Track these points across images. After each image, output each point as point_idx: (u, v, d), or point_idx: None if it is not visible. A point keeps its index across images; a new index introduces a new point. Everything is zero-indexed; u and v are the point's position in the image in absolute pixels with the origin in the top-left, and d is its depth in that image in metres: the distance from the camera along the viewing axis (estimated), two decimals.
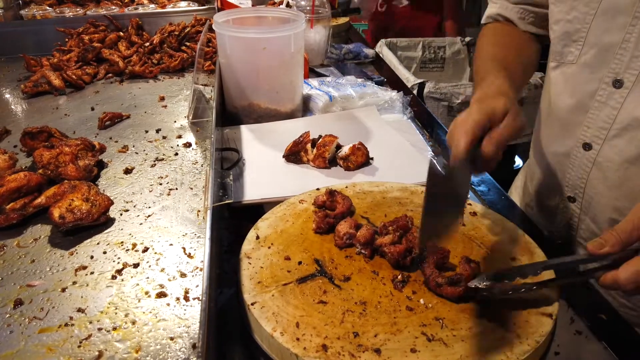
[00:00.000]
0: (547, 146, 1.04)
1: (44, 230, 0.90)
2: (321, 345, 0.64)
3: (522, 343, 0.64)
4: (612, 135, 0.88)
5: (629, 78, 0.84)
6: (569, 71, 0.94)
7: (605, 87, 0.87)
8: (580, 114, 0.92)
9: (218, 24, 1.33)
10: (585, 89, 0.90)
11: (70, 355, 0.65)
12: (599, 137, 0.89)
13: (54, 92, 1.54)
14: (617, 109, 0.86)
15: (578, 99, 0.92)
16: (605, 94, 0.87)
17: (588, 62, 0.90)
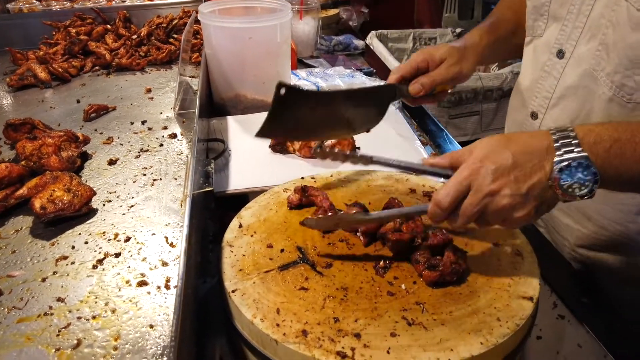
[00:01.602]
0: (510, 115, 1.10)
1: (26, 222, 0.89)
2: (301, 330, 0.64)
3: (502, 326, 0.64)
4: (552, 105, 0.93)
5: (568, 48, 0.89)
6: (537, 44, 0.98)
7: (552, 57, 0.92)
8: (533, 84, 0.97)
9: (203, 14, 1.32)
10: (541, 60, 0.95)
11: (48, 344, 0.64)
12: (543, 106, 0.95)
13: (40, 85, 1.53)
14: (557, 78, 0.91)
15: (535, 70, 0.97)
16: (551, 64, 0.92)
17: (548, 35, 0.94)
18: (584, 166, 0.62)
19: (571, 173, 0.62)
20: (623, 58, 0.77)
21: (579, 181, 0.62)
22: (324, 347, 0.61)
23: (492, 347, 0.61)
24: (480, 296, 0.69)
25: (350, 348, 0.61)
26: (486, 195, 0.64)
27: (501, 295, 0.69)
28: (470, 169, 0.65)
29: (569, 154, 0.62)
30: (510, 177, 0.63)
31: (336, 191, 0.94)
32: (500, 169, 0.64)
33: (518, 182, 0.63)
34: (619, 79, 0.79)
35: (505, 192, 0.63)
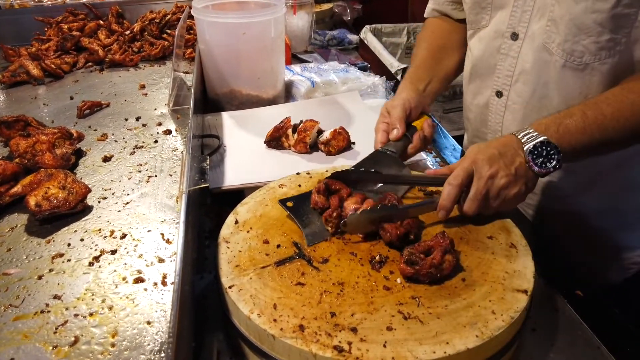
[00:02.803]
0: (472, 101, 1.18)
1: (21, 219, 0.89)
2: (298, 325, 0.64)
3: (497, 319, 0.64)
4: (515, 81, 1.03)
5: (521, 30, 0.99)
6: (483, 34, 1.08)
7: (506, 40, 1.02)
8: (492, 67, 1.07)
9: (197, 9, 1.31)
10: (494, 45, 1.05)
11: (45, 342, 0.65)
12: (507, 84, 1.05)
13: (33, 81, 1.52)
14: (516, 57, 1.02)
15: (490, 54, 1.07)
16: (507, 47, 1.03)
17: (495, 23, 1.04)
18: (546, 144, 0.81)
19: (539, 153, 0.81)
20: (571, 27, 0.90)
21: (547, 157, 0.81)
22: (321, 341, 0.62)
23: (488, 340, 0.62)
24: (476, 289, 0.70)
25: (347, 342, 0.61)
26: (488, 178, 0.80)
27: (496, 288, 0.70)
28: (469, 161, 0.82)
29: (533, 140, 0.82)
30: (501, 163, 0.81)
31: None
32: (492, 158, 0.81)
33: (507, 165, 0.81)
34: (569, 46, 0.92)
35: (501, 174, 0.80)
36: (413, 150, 1.02)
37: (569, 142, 0.82)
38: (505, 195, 0.81)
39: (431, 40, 1.22)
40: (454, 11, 1.20)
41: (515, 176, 0.81)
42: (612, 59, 0.90)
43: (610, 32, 0.87)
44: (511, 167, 0.81)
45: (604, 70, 0.91)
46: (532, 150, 0.81)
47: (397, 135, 1.00)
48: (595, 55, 0.90)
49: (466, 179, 0.81)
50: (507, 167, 0.80)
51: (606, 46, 0.89)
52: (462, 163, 0.82)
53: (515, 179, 0.81)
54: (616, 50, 0.89)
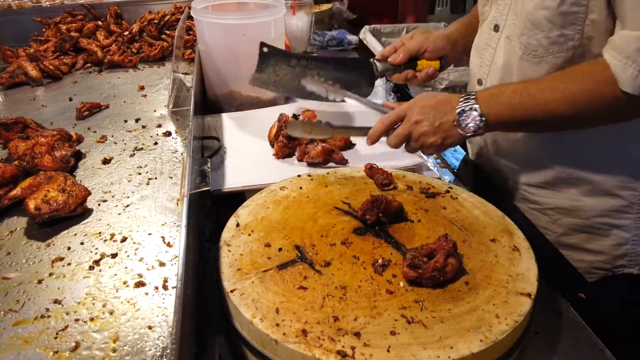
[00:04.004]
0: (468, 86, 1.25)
1: (20, 223, 0.88)
2: (301, 330, 0.63)
3: (501, 323, 0.64)
4: (491, 71, 1.10)
5: (501, 22, 1.05)
6: (484, 26, 1.13)
7: (491, 32, 1.09)
8: (479, 56, 1.14)
9: (196, 10, 1.31)
10: (483, 36, 1.12)
11: (46, 347, 0.64)
12: (486, 72, 1.12)
13: (31, 83, 1.51)
14: (494, 48, 1.08)
15: (479, 45, 1.14)
16: (490, 38, 1.09)
17: (490, 16, 1.10)
18: (474, 110, 0.94)
19: (467, 116, 0.94)
20: (526, 22, 0.97)
21: (472, 121, 0.94)
22: (324, 346, 0.61)
23: (492, 344, 0.62)
24: (479, 293, 0.69)
25: (351, 347, 0.61)
26: (412, 123, 0.97)
27: (499, 292, 0.69)
28: (406, 106, 0.99)
29: (467, 103, 0.95)
30: (430, 114, 0.97)
31: (333, 189, 0.94)
32: (425, 108, 0.97)
33: (435, 118, 0.96)
34: (525, 40, 0.99)
35: (425, 123, 0.97)
36: (395, 77, 1.22)
37: (495, 114, 0.94)
38: (423, 141, 0.98)
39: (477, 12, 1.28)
40: None
41: (436, 129, 0.96)
42: (566, 54, 0.95)
43: (559, 28, 0.92)
44: (436, 120, 0.96)
45: (558, 63, 0.96)
46: (461, 112, 0.94)
47: (393, 60, 1.19)
48: (548, 49, 0.96)
49: (396, 120, 0.99)
50: (434, 119, 0.96)
51: (557, 41, 0.94)
52: (401, 106, 1.00)
53: (435, 130, 0.96)
54: (569, 45, 0.94)
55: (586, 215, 1.06)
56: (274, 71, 1.06)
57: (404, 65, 1.21)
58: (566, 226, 1.09)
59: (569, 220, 1.08)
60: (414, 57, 1.21)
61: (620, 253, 1.06)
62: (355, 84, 1.20)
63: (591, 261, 1.08)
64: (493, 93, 0.95)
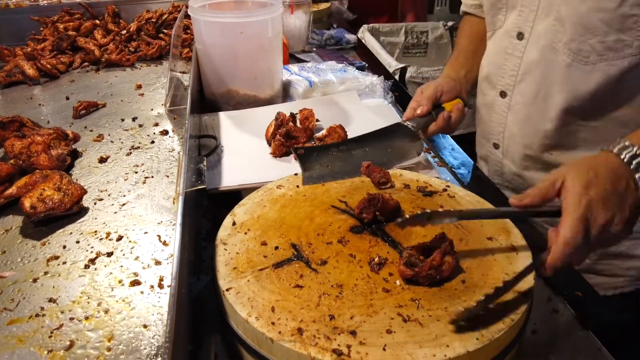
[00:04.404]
0: (480, 99, 1.21)
1: (16, 221, 0.88)
2: (296, 328, 0.63)
3: (498, 321, 0.64)
4: (518, 81, 1.05)
5: (527, 30, 1.00)
6: (497, 35, 1.10)
7: (512, 40, 1.04)
8: (498, 67, 1.09)
9: (193, 9, 1.30)
10: (502, 46, 1.07)
11: (40, 346, 0.64)
12: (510, 84, 1.06)
13: (28, 81, 1.51)
14: (520, 57, 1.03)
15: (497, 55, 1.09)
16: (512, 46, 1.04)
17: (508, 24, 1.05)
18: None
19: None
20: (577, 27, 0.90)
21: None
22: (319, 345, 0.61)
23: (488, 343, 0.61)
24: (476, 291, 0.69)
25: (346, 345, 0.61)
26: (601, 226, 0.66)
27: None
28: (584, 204, 0.65)
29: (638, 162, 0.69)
30: (614, 202, 0.66)
31: (329, 187, 0.94)
32: (605, 196, 0.66)
33: (621, 206, 0.67)
34: (575, 46, 0.92)
35: (617, 219, 0.67)
36: (435, 127, 1.08)
37: None
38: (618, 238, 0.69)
39: (471, 30, 1.26)
40: (481, 12, 1.21)
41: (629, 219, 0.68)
42: (621, 62, 0.88)
43: (617, 32, 0.86)
44: (625, 206, 0.67)
45: (612, 72, 0.90)
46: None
47: (421, 111, 1.08)
48: (602, 55, 0.89)
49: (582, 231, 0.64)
50: (622, 208, 0.67)
51: (613, 47, 0.88)
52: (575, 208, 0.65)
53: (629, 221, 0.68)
54: (625, 52, 0.87)
55: None
56: (320, 165, 1.00)
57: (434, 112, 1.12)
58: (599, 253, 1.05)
59: None
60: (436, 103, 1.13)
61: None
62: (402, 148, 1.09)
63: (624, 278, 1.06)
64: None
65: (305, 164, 1.00)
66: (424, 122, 1.10)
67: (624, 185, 0.68)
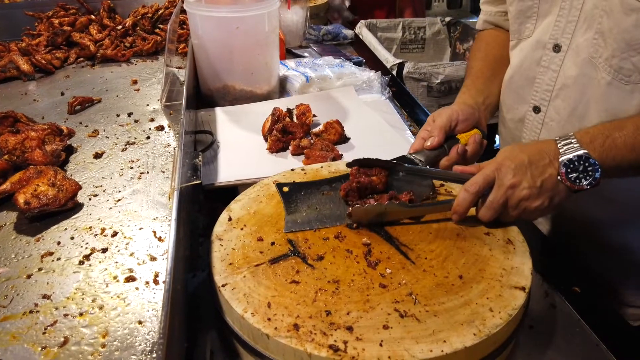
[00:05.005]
0: (507, 114, 1.11)
1: (10, 217, 0.87)
2: (293, 324, 0.63)
3: (495, 316, 0.63)
4: (554, 97, 0.97)
5: (564, 42, 0.93)
6: (525, 45, 1.01)
7: (548, 52, 0.96)
8: (530, 80, 1.00)
9: (189, 3, 1.29)
10: (534, 57, 0.99)
11: (34, 342, 0.63)
12: (545, 99, 0.98)
13: (23, 77, 1.50)
14: (556, 71, 0.95)
15: (529, 66, 1.00)
16: (548, 59, 0.96)
17: (538, 33, 0.98)
18: (584, 159, 0.74)
19: (575, 167, 0.74)
20: (620, 42, 0.83)
21: (583, 172, 0.74)
22: (316, 340, 0.60)
23: (485, 338, 0.61)
24: (473, 287, 0.69)
25: (343, 341, 0.60)
26: (508, 188, 0.76)
27: (493, 285, 0.69)
28: (494, 166, 0.77)
29: (572, 152, 0.75)
30: (527, 173, 0.76)
31: None
32: (519, 166, 0.76)
33: (534, 177, 0.75)
34: (617, 63, 0.84)
35: (524, 185, 0.75)
36: (447, 162, 0.93)
37: (613, 158, 0.76)
38: (525, 206, 0.77)
39: (487, 51, 1.15)
40: (506, 22, 1.11)
41: (539, 189, 0.75)
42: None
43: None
44: (538, 179, 0.75)
45: None
46: (568, 164, 0.75)
47: (431, 143, 0.94)
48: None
49: (485, 186, 0.77)
50: (534, 178, 0.75)
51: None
52: (486, 168, 0.78)
53: (539, 192, 0.76)
54: None
55: None
56: (308, 207, 0.85)
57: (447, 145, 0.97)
58: None
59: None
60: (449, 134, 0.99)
61: None
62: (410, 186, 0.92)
63: None
64: (603, 132, 0.77)
65: (290, 204, 0.85)
66: (435, 155, 0.95)
67: (546, 162, 0.76)
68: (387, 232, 0.80)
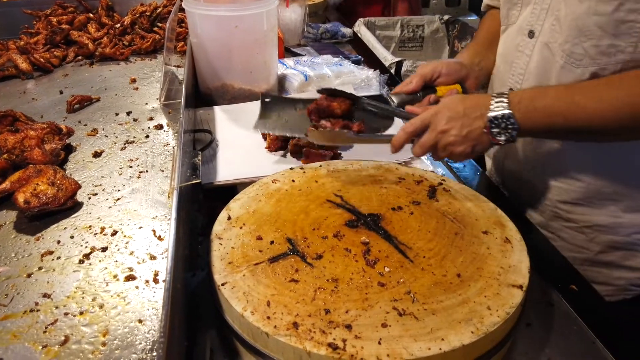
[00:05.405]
0: None
1: (10, 216, 0.87)
2: (292, 323, 0.63)
3: (492, 315, 0.64)
4: (525, 79, 1.02)
5: (537, 28, 0.98)
6: (510, 31, 1.07)
7: (524, 38, 1.01)
8: (509, 65, 1.06)
9: (188, 2, 1.29)
10: (514, 43, 1.04)
11: (35, 341, 0.64)
12: (518, 82, 1.04)
13: (22, 76, 1.49)
14: (529, 55, 1.00)
15: (509, 51, 1.06)
16: (524, 44, 1.01)
17: (521, 20, 1.03)
18: (507, 118, 0.85)
19: (498, 123, 0.85)
20: (573, 29, 0.89)
21: (504, 129, 0.85)
22: (315, 339, 0.61)
23: (483, 336, 0.61)
24: (471, 285, 0.69)
25: (342, 339, 0.61)
26: (439, 132, 0.88)
27: (491, 283, 0.69)
28: (432, 113, 0.89)
29: (499, 110, 0.85)
30: (458, 122, 0.87)
31: (325, 182, 0.94)
32: (453, 116, 0.87)
33: (462, 126, 0.87)
34: (569, 48, 0.91)
35: (452, 132, 0.87)
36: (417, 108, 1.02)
37: (532, 121, 0.86)
38: (451, 150, 0.89)
39: (490, 24, 1.21)
40: None
41: (464, 138, 0.87)
42: (614, 67, 0.86)
43: (611, 37, 0.84)
44: (465, 129, 0.87)
45: (603, 76, 0.88)
46: (493, 119, 0.85)
47: (407, 88, 1.07)
48: (594, 59, 0.88)
49: (421, 128, 0.90)
50: (463, 127, 0.87)
51: (606, 52, 0.86)
52: (426, 112, 0.90)
53: (464, 140, 0.87)
54: (619, 58, 0.85)
55: (626, 232, 1.00)
56: (279, 116, 1.03)
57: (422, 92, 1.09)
58: (604, 244, 1.02)
59: (608, 238, 1.01)
60: (429, 84, 1.10)
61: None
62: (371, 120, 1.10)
63: (629, 278, 1.03)
64: (531, 96, 0.86)
65: (265, 111, 1.04)
66: (409, 99, 1.06)
67: (477, 115, 0.86)
68: (386, 231, 0.80)
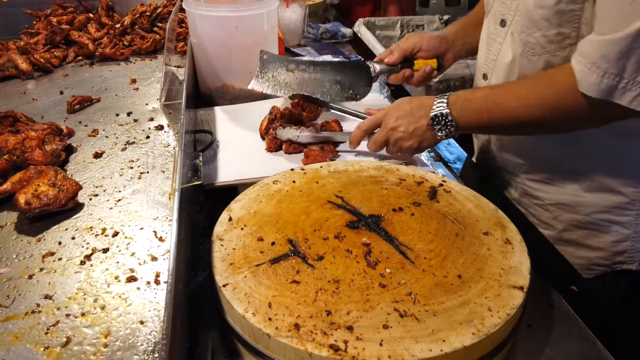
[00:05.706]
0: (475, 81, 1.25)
1: (10, 217, 0.87)
2: (293, 324, 0.63)
3: (493, 316, 0.64)
4: (497, 66, 1.09)
5: (509, 17, 1.03)
6: (488, 19, 1.13)
7: (497, 26, 1.07)
8: (484, 51, 1.13)
9: (188, 2, 1.29)
10: (489, 31, 1.11)
11: (37, 342, 0.64)
12: (490, 67, 1.11)
13: (22, 76, 1.49)
14: (501, 43, 1.07)
15: (485, 39, 1.13)
16: (496, 32, 1.08)
17: (494, 8, 1.09)
18: (445, 116, 0.97)
19: (439, 121, 0.98)
20: (526, 20, 0.96)
21: (445, 126, 0.98)
22: (316, 340, 0.61)
23: (484, 337, 0.62)
24: (471, 286, 0.69)
25: (343, 341, 0.61)
26: (389, 130, 1.02)
27: (492, 285, 0.69)
28: (383, 113, 1.04)
29: (439, 110, 0.98)
30: (405, 120, 1.00)
31: (326, 182, 0.94)
32: (401, 115, 1.01)
33: (409, 124, 1.00)
34: (524, 37, 0.98)
35: (400, 129, 1.01)
36: (394, 79, 1.23)
37: (465, 119, 0.97)
38: (400, 145, 1.02)
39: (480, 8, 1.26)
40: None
41: (411, 134, 1.00)
42: (563, 52, 0.94)
43: (557, 27, 0.92)
44: (412, 126, 1.00)
45: (555, 62, 0.95)
46: (434, 118, 0.98)
47: (388, 60, 1.21)
48: (545, 47, 0.95)
49: (373, 126, 1.05)
50: (409, 125, 1.00)
51: (555, 40, 0.93)
52: (378, 113, 1.04)
53: (410, 136, 1.00)
54: (566, 43, 0.93)
55: (587, 211, 1.05)
56: (273, 76, 1.12)
57: (401, 65, 1.22)
58: (567, 222, 1.08)
59: (570, 216, 1.08)
60: (409, 57, 1.23)
61: (620, 249, 1.06)
62: (353, 85, 1.23)
63: (591, 257, 1.08)
64: (464, 98, 0.97)
65: (262, 69, 1.15)
66: (389, 69, 1.21)
67: (421, 114, 0.99)
68: (387, 232, 0.80)
